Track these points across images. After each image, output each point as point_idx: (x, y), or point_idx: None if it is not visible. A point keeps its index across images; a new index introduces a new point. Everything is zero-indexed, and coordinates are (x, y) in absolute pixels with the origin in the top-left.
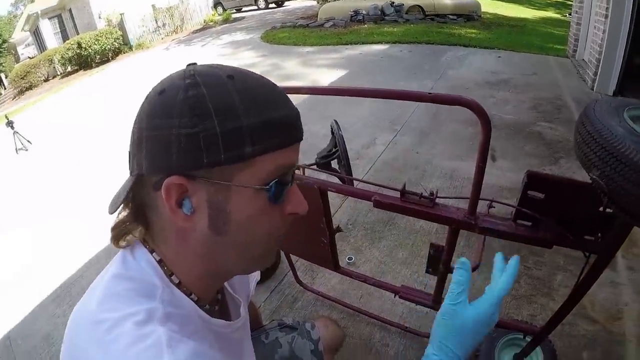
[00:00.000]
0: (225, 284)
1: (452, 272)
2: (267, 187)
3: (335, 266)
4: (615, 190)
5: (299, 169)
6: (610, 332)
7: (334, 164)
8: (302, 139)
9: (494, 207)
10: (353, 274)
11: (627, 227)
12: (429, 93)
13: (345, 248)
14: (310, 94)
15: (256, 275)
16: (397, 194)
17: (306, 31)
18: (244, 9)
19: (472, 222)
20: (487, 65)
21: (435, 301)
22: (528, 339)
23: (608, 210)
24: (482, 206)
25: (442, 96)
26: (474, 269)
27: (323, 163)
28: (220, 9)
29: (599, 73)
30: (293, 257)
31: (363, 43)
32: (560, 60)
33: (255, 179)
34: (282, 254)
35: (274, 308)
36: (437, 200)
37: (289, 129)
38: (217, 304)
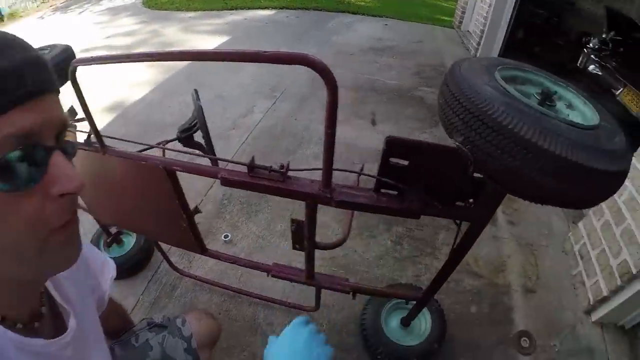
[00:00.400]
0: (54, 292)
1: (318, 247)
2: None
3: (202, 249)
4: (480, 157)
5: (156, 147)
6: (495, 284)
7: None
8: (41, 93)
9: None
10: (222, 256)
11: (498, 194)
12: (265, 52)
13: (222, 225)
14: (141, 60)
15: (110, 272)
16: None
17: None
18: None
19: (328, 196)
20: (374, 32)
21: (308, 277)
22: (412, 303)
23: (477, 175)
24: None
25: (280, 54)
26: (339, 244)
27: (184, 138)
28: None
29: (481, 43)
30: (165, 244)
31: (249, 8)
32: (447, 31)
33: None
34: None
35: (153, 299)
36: (290, 173)
37: (6, 82)
38: (37, 320)
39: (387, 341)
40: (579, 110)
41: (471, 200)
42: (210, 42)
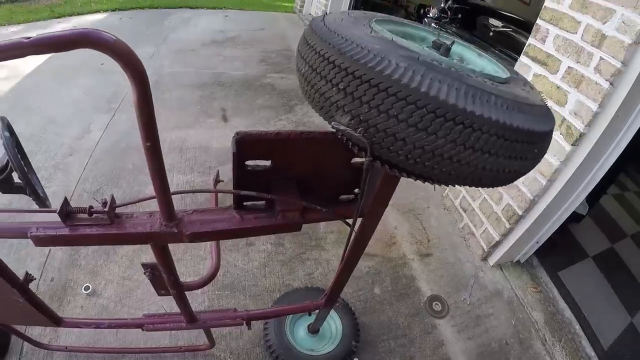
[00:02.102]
0: None
1: (187, 289)
2: None
3: (55, 321)
4: (383, 142)
5: None
6: (390, 259)
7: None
8: None
9: (224, 181)
10: (81, 323)
11: (391, 180)
12: (27, 38)
13: (79, 275)
14: None
15: None
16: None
17: (14, 7)
18: None
19: (174, 231)
20: (214, 25)
21: (189, 320)
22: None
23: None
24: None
25: (46, 38)
26: (210, 279)
27: None
28: None
29: None
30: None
31: (79, 14)
32: (289, 16)
33: None
34: None
35: None
36: (119, 210)
37: None
38: None
39: (302, 356)
40: (475, 64)
41: (356, 190)
42: (36, 58)
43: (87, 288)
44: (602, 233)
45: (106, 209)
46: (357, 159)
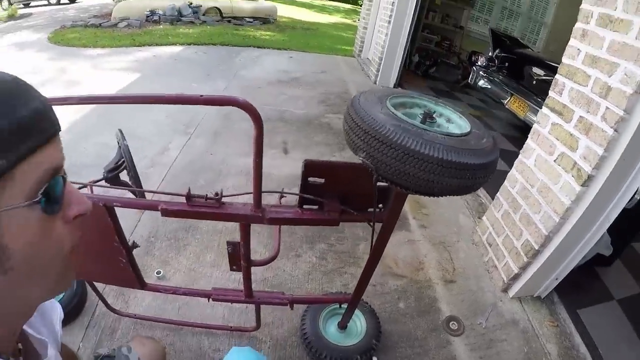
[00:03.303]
0: (26, 327)
1: (255, 264)
2: (38, 198)
3: (141, 285)
4: (381, 167)
5: (85, 187)
6: (417, 281)
7: (125, 176)
8: (60, 130)
9: (286, 197)
10: (161, 288)
11: (400, 196)
12: (201, 96)
13: (152, 262)
14: (82, 104)
15: (59, 314)
16: (184, 200)
17: (98, 31)
18: (32, 3)
19: (260, 215)
20: (280, 65)
21: (247, 295)
22: (344, 306)
23: (382, 183)
24: (274, 198)
25: (214, 98)
26: (272, 259)
27: (111, 177)
28: (5, 3)
29: (380, 69)
30: (100, 285)
31: (157, 44)
32: (348, 60)
33: (21, 195)
34: (87, 284)
35: (94, 345)
36: (224, 199)
37: (41, 123)
38: (20, 355)
39: (329, 345)
40: (456, 123)
41: (380, 205)
42: (119, 80)
43: (158, 272)
44: (633, 277)
45: (218, 197)
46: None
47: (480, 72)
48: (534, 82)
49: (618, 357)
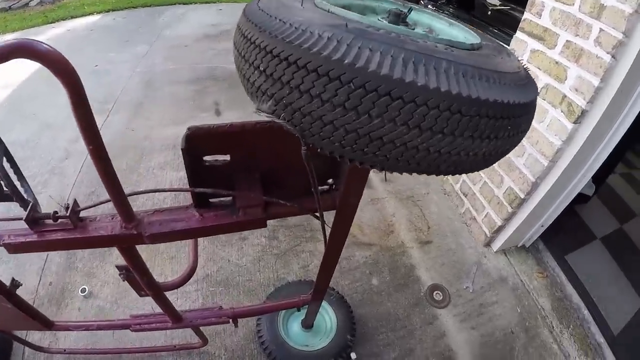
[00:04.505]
0: None
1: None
2: None
3: (46, 325)
4: (313, 129)
5: None
6: (388, 248)
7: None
8: None
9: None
10: (71, 326)
11: (360, 170)
12: None
13: (76, 278)
14: None
15: None
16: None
17: (8, 15)
18: None
19: (134, 232)
20: (208, 19)
21: (175, 320)
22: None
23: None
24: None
25: None
26: (187, 278)
27: None
28: None
29: None
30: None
31: (72, 17)
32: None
33: None
34: None
35: None
36: (84, 213)
37: None
38: None
39: (295, 352)
40: (446, 32)
41: (330, 181)
42: (30, 65)
43: (83, 290)
44: (611, 214)
45: (68, 214)
46: None
47: (429, 6)
48: (489, 12)
49: (610, 301)
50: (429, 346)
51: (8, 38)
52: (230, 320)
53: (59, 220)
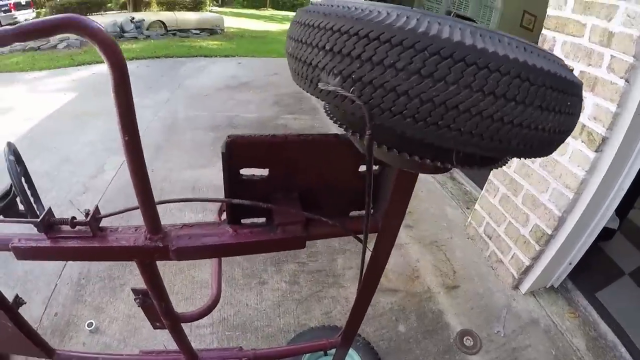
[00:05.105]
0: None
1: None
2: None
3: (47, 353)
4: (379, 101)
5: None
6: (414, 294)
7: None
8: None
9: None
10: (74, 357)
11: (407, 181)
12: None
13: (83, 312)
14: None
15: None
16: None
17: (36, 54)
18: None
19: (160, 245)
20: (228, 71)
21: (189, 358)
22: (331, 353)
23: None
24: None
25: (33, 24)
26: (210, 309)
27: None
28: None
29: None
30: None
31: (98, 62)
32: None
33: None
34: None
35: None
36: (107, 223)
37: None
38: None
39: None
40: None
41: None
42: (55, 101)
43: (90, 325)
44: (636, 248)
45: (87, 220)
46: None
47: None
48: None
49: None
50: None
51: (35, 75)
52: None
53: (77, 227)
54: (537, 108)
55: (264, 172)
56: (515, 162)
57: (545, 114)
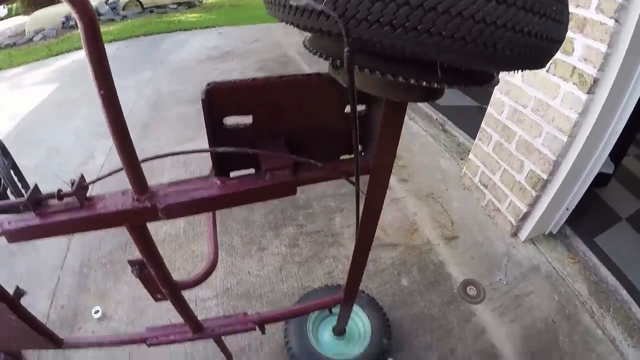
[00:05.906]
0: None
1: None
2: None
3: (55, 342)
4: (354, 11)
5: None
6: (414, 247)
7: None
8: None
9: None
10: (82, 343)
11: (397, 111)
12: None
13: (88, 300)
14: None
15: None
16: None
17: (13, 51)
18: None
19: (148, 205)
20: (209, 42)
21: (195, 329)
22: (335, 309)
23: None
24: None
25: None
26: (208, 274)
27: None
28: None
29: None
30: None
31: (76, 49)
32: (283, 25)
33: None
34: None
35: None
36: (91, 191)
37: None
38: None
39: None
40: None
41: (360, 147)
42: (38, 94)
43: (97, 311)
44: (631, 194)
45: (74, 190)
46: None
47: None
48: None
49: None
50: (470, 344)
51: (14, 72)
52: (257, 327)
53: (65, 200)
54: (520, 9)
55: (249, 120)
56: (506, 107)
57: (530, 15)
